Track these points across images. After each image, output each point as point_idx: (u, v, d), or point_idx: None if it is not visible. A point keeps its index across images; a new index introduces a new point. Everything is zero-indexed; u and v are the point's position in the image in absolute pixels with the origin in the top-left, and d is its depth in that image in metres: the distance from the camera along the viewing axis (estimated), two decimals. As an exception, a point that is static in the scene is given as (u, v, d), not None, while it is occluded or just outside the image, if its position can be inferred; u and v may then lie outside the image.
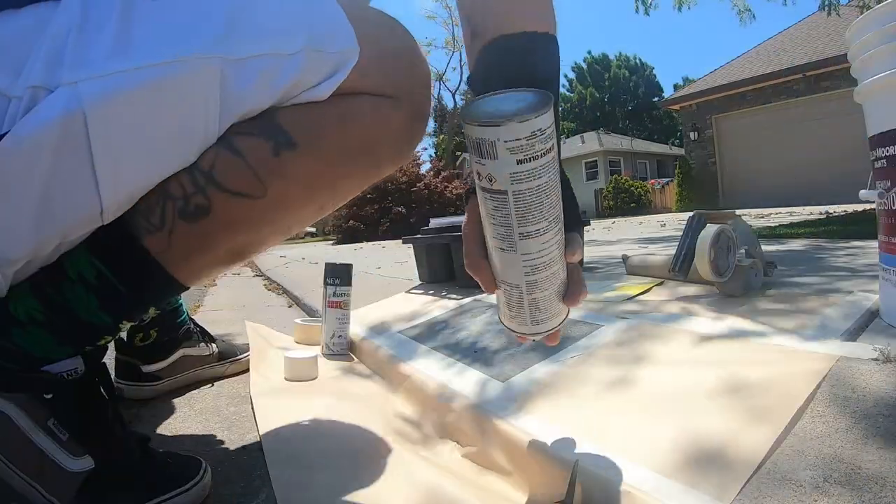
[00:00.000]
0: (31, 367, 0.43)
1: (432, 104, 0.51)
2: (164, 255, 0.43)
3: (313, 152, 0.44)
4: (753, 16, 5.17)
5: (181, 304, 0.86)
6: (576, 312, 0.87)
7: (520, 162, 0.34)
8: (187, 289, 0.48)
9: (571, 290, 0.42)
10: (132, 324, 0.49)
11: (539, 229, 0.37)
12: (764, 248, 1.00)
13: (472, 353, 0.78)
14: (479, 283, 0.43)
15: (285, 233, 0.49)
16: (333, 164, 0.46)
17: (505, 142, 0.33)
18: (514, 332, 0.45)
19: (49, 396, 0.42)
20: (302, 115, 0.43)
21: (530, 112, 0.33)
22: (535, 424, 0.54)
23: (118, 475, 0.46)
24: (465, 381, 0.69)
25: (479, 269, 0.42)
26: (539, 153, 0.34)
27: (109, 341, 0.49)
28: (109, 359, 0.79)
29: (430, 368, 0.77)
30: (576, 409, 0.56)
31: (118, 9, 0.39)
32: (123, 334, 0.81)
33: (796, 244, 1.70)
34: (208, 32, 0.39)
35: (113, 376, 0.79)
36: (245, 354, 0.96)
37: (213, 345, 0.91)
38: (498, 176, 0.34)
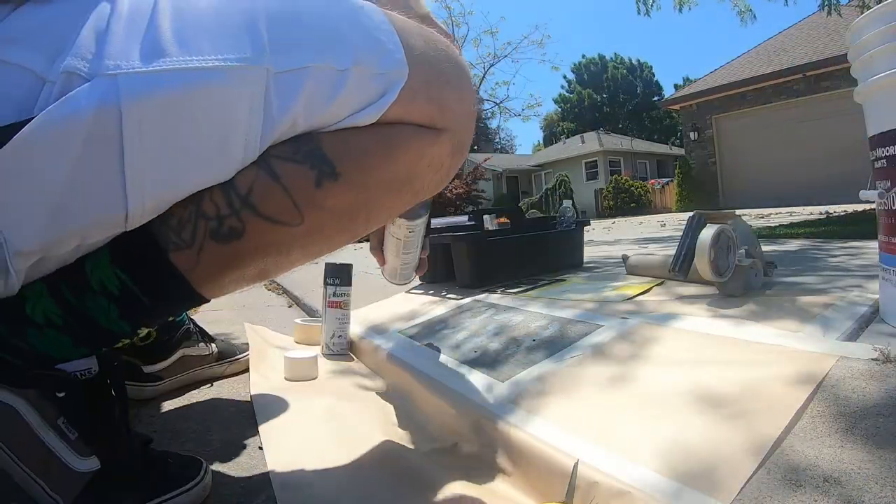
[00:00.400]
0: (45, 365, 0.42)
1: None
2: (191, 272, 0.42)
3: (355, 185, 0.42)
4: (754, 16, 5.16)
5: None
6: (576, 312, 0.87)
7: (409, 232, 0.70)
8: (209, 301, 0.47)
9: (420, 266, 0.77)
10: (150, 329, 0.48)
11: (410, 252, 0.74)
12: (764, 248, 1.00)
13: (471, 353, 0.78)
14: (376, 259, 0.77)
15: (314, 256, 0.48)
16: (374, 198, 0.44)
17: (410, 227, 0.69)
18: (390, 282, 0.80)
19: (61, 395, 0.42)
20: (346, 144, 0.41)
21: (423, 219, 0.70)
22: (535, 424, 0.54)
23: (121, 475, 0.46)
24: (465, 380, 0.69)
25: (377, 254, 0.76)
26: (419, 230, 0.71)
27: (127, 344, 0.49)
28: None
29: (431, 369, 0.77)
30: (576, 408, 0.56)
31: (162, 2, 0.37)
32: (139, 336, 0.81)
33: (796, 244, 1.70)
34: (253, 37, 0.37)
35: None
36: (244, 354, 0.96)
37: (213, 345, 0.91)
38: (399, 234, 0.70)
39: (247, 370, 0.93)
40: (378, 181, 0.43)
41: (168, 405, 0.79)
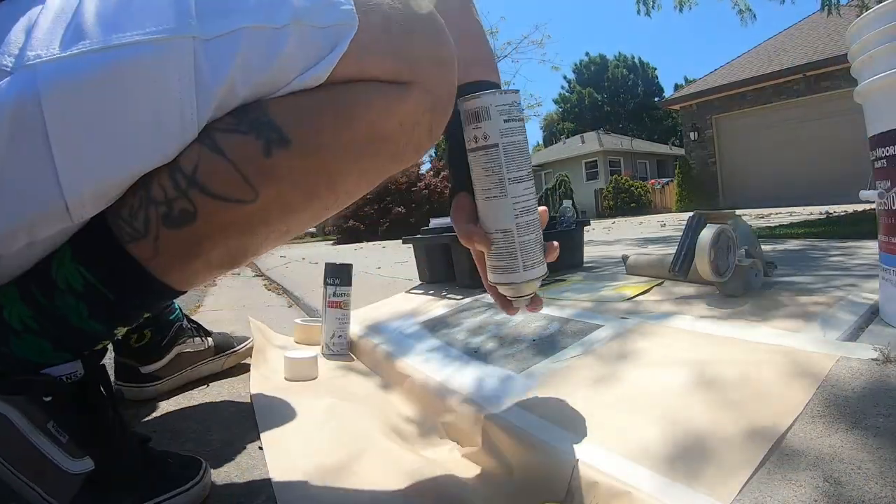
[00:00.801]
0: (30, 371, 0.42)
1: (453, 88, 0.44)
2: (153, 263, 0.40)
3: (310, 151, 0.39)
4: (754, 15, 5.16)
5: (173, 303, 0.86)
6: (576, 312, 0.87)
7: (506, 121, 0.48)
8: (184, 292, 0.46)
9: (549, 249, 0.53)
10: (129, 328, 0.48)
11: (521, 175, 0.49)
12: (764, 248, 1.00)
13: (472, 353, 0.78)
14: (476, 243, 0.51)
15: (285, 235, 0.45)
16: (334, 163, 0.41)
17: (496, 106, 0.47)
18: (504, 285, 0.52)
19: (48, 399, 0.42)
20: (295, 108, 0.38)
21: (509, 89, 0.48)
22: (535, 424, 0.54)
23: (118, 476, 0.45)
24: (466, 380, 0.69)
25: (472, 234, 0.51)
26: (517, 116, 0.48)
27: (107, 344, 0.49)
28: (108, 360, 0.79)
29: (430, 368, 0.77)
30: (576, 408, 0.56)
31: None
32: (120, 337, 0.80)
33: (796, 244, 1.70)
34: (177, 6, 0.35)
35: (113, 379, 0.80)
36: (242, 345, 0.95)
37: (209, 339, 0.90)
38: (491, 132, 0.48)
39: (247, 364, 0.93)
40: (334, 143, 0.40)
41: (168, 405, 0.79)
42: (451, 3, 0.52)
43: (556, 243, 0.54)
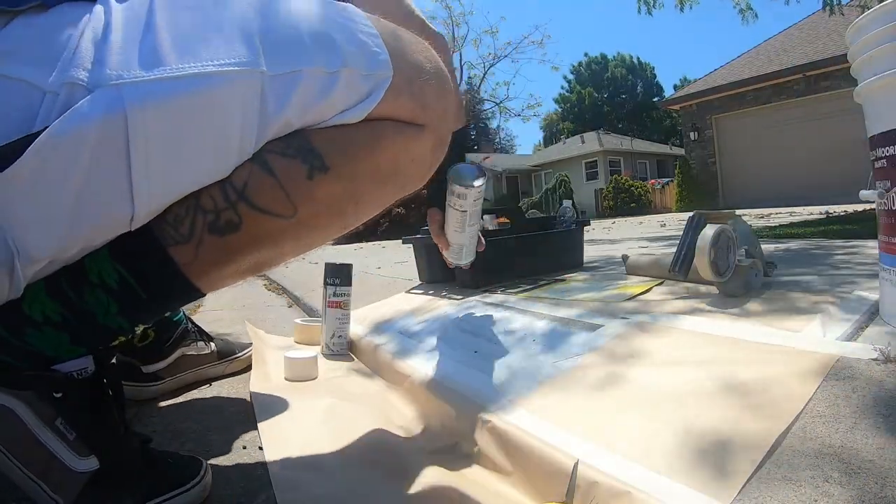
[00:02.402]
0: (41, 365, 0.42)
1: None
2: (189, 266, 0.43)
3: (344, 177, 0.44)
4: (755, 14, 5.15)
5: None
6: (576, 312, 0.87)
7: (475, 200, 0.72)
8: (205, 295, 0.48)
9: (479, 245, 0.83)
10: (146, 326, 0.49)
11: (474, 222, 0.76)
12: (764, 248, 1.00)
13: (471, 353, 0.78)
14: (440, 245, 0.81)
15: (307, 249, 0.50)
16: (362, 189, 0.47)
17: (472, 195, 0.71)
18: (450, 260, 0.86)
19: (58, 395, 0.42)
20: (334, 140, 0.43)
21: (481, 182, 0.70)
22: (535, 424, 0.54)
23: (120, 475, 0.46)
24: (466, 381, 0.69)
25: (440, 239, 0.79)
26: (481, 195, 0.71)
27: (123, 342, 0.49)
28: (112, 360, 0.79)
29: (430, 368, 0.77)
30: (575, 408, 0.56)
31: (157, 11, 0.38)
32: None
33: (796, 244, 1.70)
34: (248, 42, 0.39)
35: None
36: (244, 352, 0.96)
37: (212, 343, 0.91)
38: (466, 206, 0.72)
39: (247, 368, 0.93)
40: (365, 173, 0.46)
41: (168, 405, 0.79)
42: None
43: (483, 242, 0.86)
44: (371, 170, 0.46)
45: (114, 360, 0.49)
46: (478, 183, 0.69)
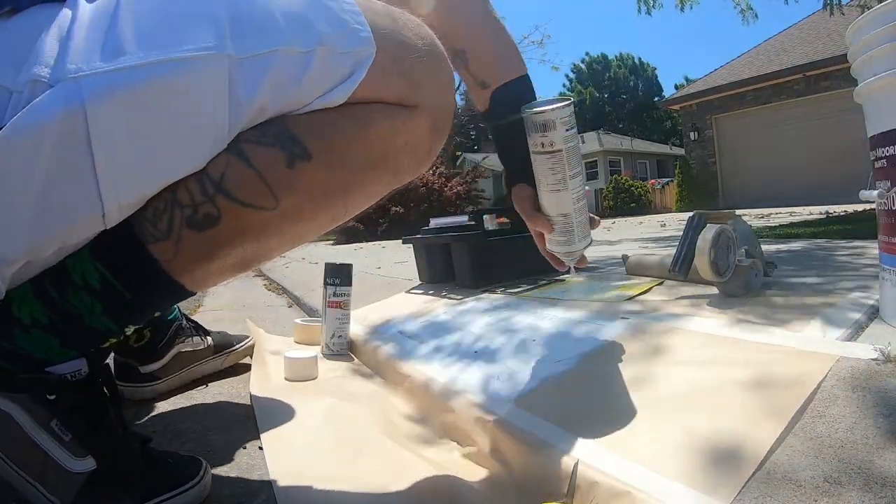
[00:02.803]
0: (34, 368, 0.42)
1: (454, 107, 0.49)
2: (171, 264, 0.41)
3: (327, 164, 0.42)
4: (755, 14, 5.15)
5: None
6: (576, 312, 0.87)
7: (567, 130, 0.58)
8: (194, 294, 0.47)
9: (592, 222, 0.66)
10: (136, 327, 0.48)
11: (577, 172, 0.60)
12: (764, 248, 1.00)
13: (472, 353, 0.78)
14: (540, 227, 0.64)
15: (295, 243, 0.48)
16: (348, 176, 0.44)
17: (560, 119, 0.57)
18: (561, 254, 0.67)
19: (52, 397, 0.42)
20: (316, 125, 0.41)
21: (567, 102, 0.58)
22: (536, 424, 0.54)
23: (119, 476, 0.46)
24: (466, 380, 0.69)
25: (537, 219, 0.64)
26: (573, 125, 0.58)
27: (115, 343, 0.49)
28: (108, 360, 0.79)
29: (430, 368, 0.77)
30: (576, 408, 0.56)
31: (123, 6, 0.37)
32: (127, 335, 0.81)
33: (796, 244, 1.70)
34: (213, 27, 0.38)
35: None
36: (242, 344, 0.95)
37: (208, 338, 0.90)
38: (556, 140, 0.58)
39: (246, 364, 0.93)
40: (352, 160, 0.43)
41: (168, 405, 0.79)
42: (474, 7, 0.63)
43: (597, 218, 0.68)
44: (359, 156, 0.43)
45: (108, 361, 0.48)
46: (561, 105, 0.57)
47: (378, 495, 0.50)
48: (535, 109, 0.58)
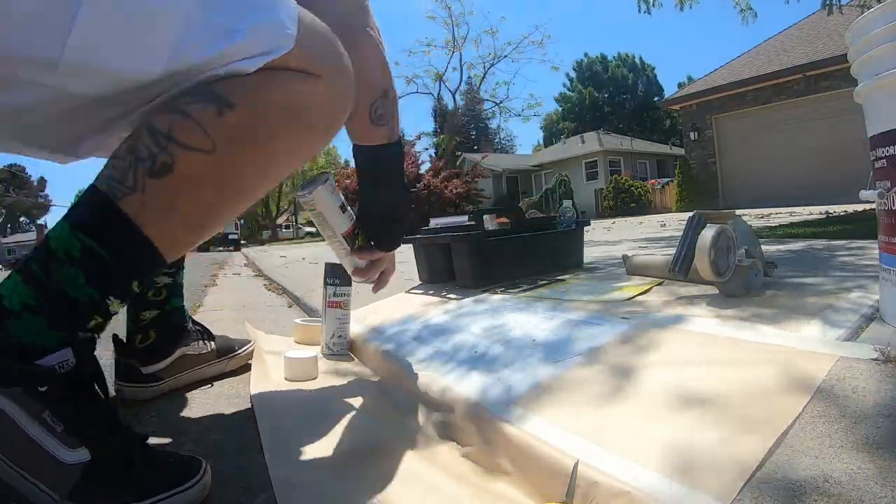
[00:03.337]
0: (25, 359, 0.44)
1: (353, 92, 0.58)
2: (141, 216, 0.47)
3: (250, 112, 0.49)
4: (755, 14, 5.15)
5: (181, 306, 0.86)
6: (576, 312, 0.87)
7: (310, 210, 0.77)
8: (167, 263, 0.51)
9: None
10: (121, 303, 0.50)
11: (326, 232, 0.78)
12: (764, 248, 1.00)
13: (472, 353, 0.78)
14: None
15: (242, 193, 0.54)
16: (270, 120, 0.51)
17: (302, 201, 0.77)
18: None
19: (43, 389, 0.43)
20: (236, 84, 0.49)
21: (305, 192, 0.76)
22: (536, 425, 0.54)
23: (117, 472, 0.46)
24: (466, 381, 0.69)
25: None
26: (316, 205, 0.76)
27: (101, 325, 0.50)
28: (109, 360, 0.80)
29: (430, 368, 0.77)
30: (576, 409, 0.56)
31: None
32: (123, 336, 0.81)
33: (796, 244, 1.70)
34: None
35: (113, 378, 0.80)
36: (244, 349, 0.96)
37: (212, 343, 0.91)
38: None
39: (247, 365, 0.93)
40: (268, 105, 0.50)
41: (168, 405, 0.79)
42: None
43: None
44: (274, 105, 0.51)
45: (100, 363, 0.49)
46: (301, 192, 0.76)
47: (377, 495, 0.50)
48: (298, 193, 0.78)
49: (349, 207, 0.80)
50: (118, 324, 0.82)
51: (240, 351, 0.95)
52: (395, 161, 0.76)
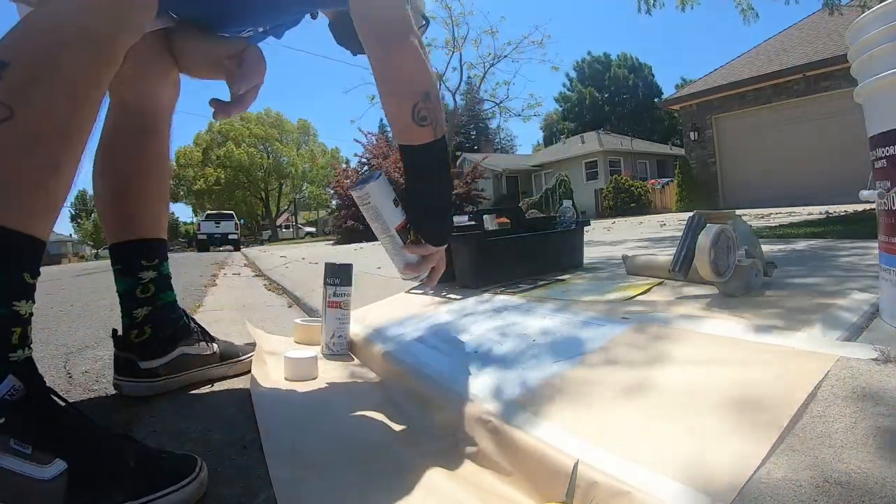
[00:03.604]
0: None
1: None
2: None
3: (19, 56, 0.49)
4: (757, 14, 5.14)
5: (173, 300, 0.86)
6: (576, 312, 0.87)
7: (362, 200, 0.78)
8: (40, 239, 0.49)
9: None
10: (27, 301, 0.49)
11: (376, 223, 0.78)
12: (764, 248, 1.00)
13: (472, 353, 0.78)
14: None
15: (59, 135, 0.51)
16: (43, 57, 0.50)
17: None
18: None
19: (2, 421, 0.43)
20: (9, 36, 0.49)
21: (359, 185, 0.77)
22: (536, 424, 0.54)
23: (104, 473, 0.46)
24: (466, 380, 0.69)
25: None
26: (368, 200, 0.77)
27: (25, 333, 0.49)
28: (108, 356, 0.79)
29: (430, 368, 0.77)
30: (576, 409, 0.56)
31: None
32: (120, 331, 0.81)
33: (796, 244, 1.70)
34: None
35: (113, 372, 0.81)
36: (247, 355, 0.96)
37: (214, 344, 0.91)
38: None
39: (249, 371, 0.93)
40: (35, 46, 0.50)
41: (168, 405, 0.79)
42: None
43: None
44: (42, 45, 0.50)
45: (40, 373, 0.50)
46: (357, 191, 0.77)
47: (377, 495, 0.50)
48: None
49: (401, 203, 0.80)
50: (118, 324, 0.83)
51: (243, 357, 0.95)
52: (441, 157, 0.77)
